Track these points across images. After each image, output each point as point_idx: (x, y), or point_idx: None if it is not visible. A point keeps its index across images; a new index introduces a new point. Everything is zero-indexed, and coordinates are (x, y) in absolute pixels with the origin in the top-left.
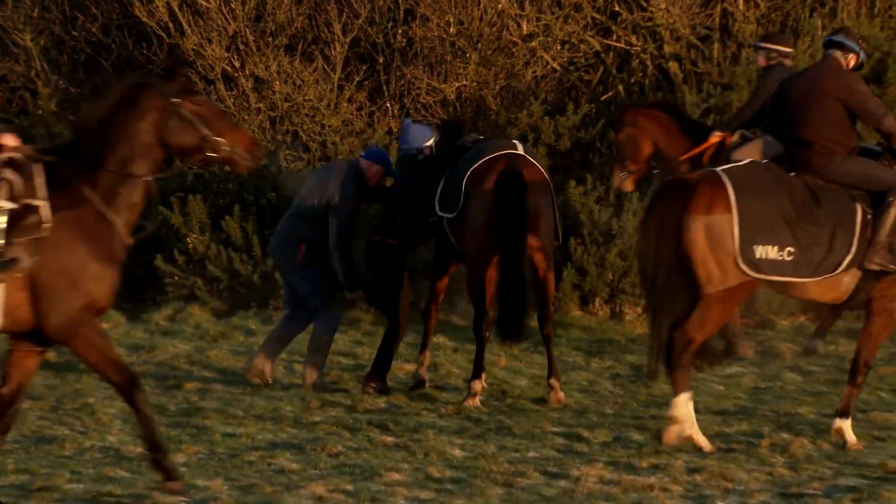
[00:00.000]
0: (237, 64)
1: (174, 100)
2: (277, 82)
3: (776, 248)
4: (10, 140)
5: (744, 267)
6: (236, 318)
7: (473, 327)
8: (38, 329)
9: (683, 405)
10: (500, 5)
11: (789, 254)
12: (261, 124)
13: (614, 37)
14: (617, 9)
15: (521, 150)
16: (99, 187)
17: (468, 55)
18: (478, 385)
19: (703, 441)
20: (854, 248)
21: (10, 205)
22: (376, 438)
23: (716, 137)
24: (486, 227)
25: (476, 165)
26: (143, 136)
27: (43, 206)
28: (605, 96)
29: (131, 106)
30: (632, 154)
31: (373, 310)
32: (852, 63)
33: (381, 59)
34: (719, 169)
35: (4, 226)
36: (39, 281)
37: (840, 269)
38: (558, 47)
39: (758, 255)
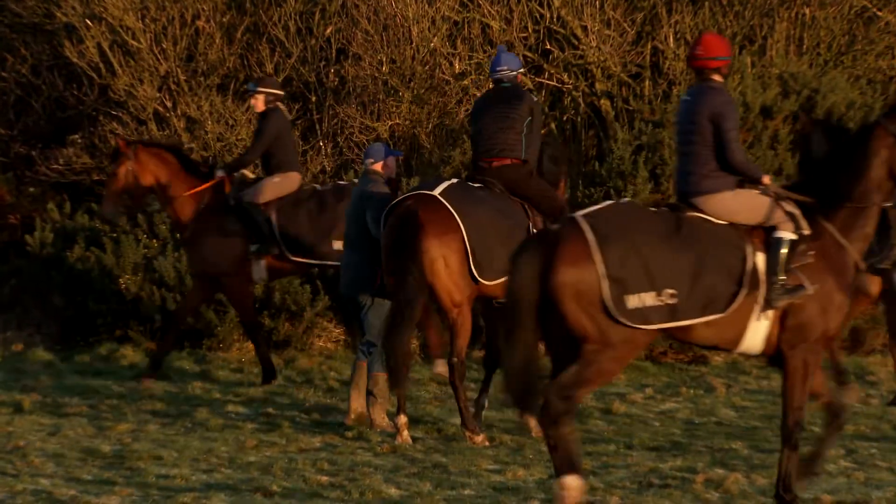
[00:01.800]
0: (169, 104)
1: None
2: (210, 122)
3: None
4: (766, 178)
5: None
6: (169, 358)
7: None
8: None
9: None
10: (432, 44)
11: None
12: None
13: (546, 75)
14: (548, 47)
15: (436, 192)
16: (836, 220)
17: (401, 94)
18: (402, 419)
19: None
20: None
21: (793, 235)
22: (311, 478)
23: (220, 177)
24: (385, 268)
25: (388, 207)
26: (876, 170)
27: (809, 235)
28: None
29: (863, 144)
30: (131, 188)
31: (310, 348)
32: None
33: (313, 98)
34: None
35: (786, 255)
36: (793, 308)
37: None
38: (490, 85)
39: None
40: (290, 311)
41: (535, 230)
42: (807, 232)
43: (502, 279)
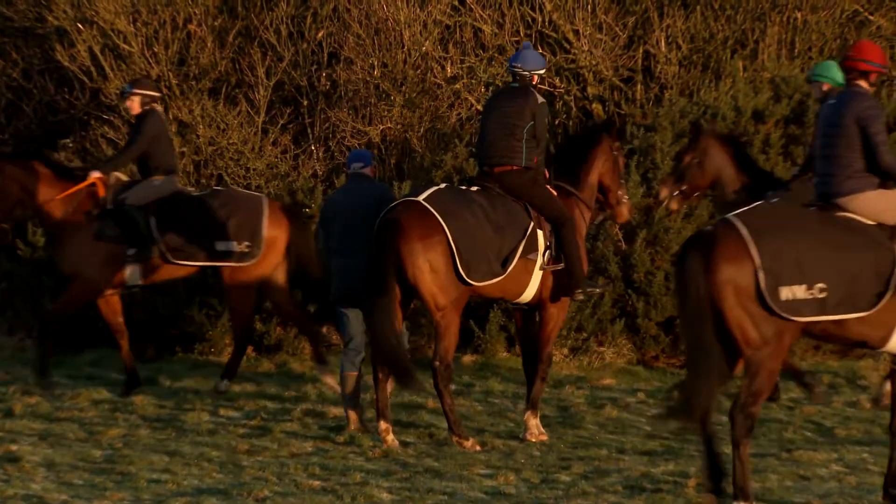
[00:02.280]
0: (160, 108)
1: None
2: (201, 126)
3: None
4: None
5: None
6: (161, 362)
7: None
8: None
9: None
10: (423, 48)
11: None
12: (185, 168)
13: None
14: (540, 51)
15: (420, 197)
16: None
17: (393, 98)
18: (381, 425)
19: None
20: None
21: None
22: (303, 482)
23: (93, 178)
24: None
25: (383, 212)
26: None
27: None
28: None
29: None
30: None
31: (302, 353)
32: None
33: (305, 102)
34: None
35: None
36: None
37: None
38: (482, 89)
39: None
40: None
41: (540, 231)
42: None
43: (493, 280)
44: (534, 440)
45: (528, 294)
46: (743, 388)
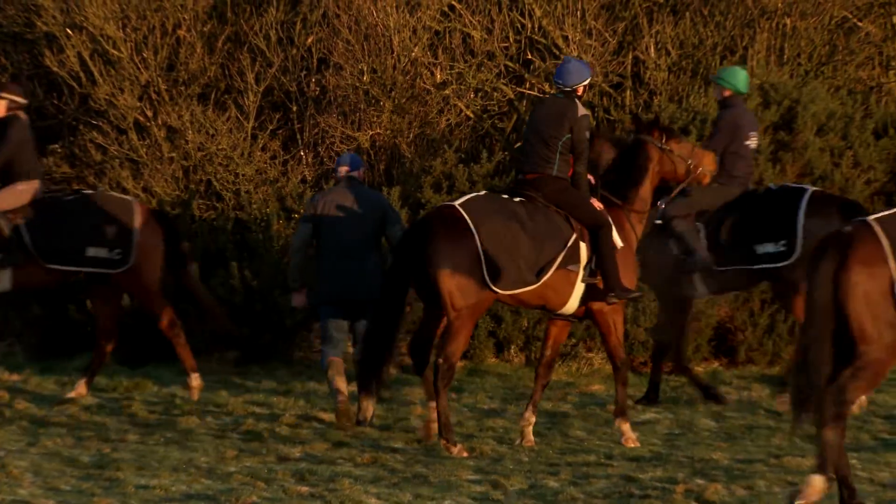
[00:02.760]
0: (150, 113)
1: None
2: (190, 131)
3: None
4: None
5: None
6: (150, 368)
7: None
8: None
9: None
10: (413, 53)
11: None
12: (174, 174)
13: (527, 84)
14: (529, 57)
15: (457, 202)
16: None
17: (382, 103)
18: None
19: None
20: None
21: None
22: (291, 488)
23: None
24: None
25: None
26: None
27: None
28: (518, 144)
29: None
30: None
31: (291, 358)
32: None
33: (294, 108)
34: None
35: None
36: None
37: None
38: (472, 95)
39: None
40: (270, 321)
41: (582, 244)
42: None
43: (523, 289)
44: (631, 445)
45: (571, 306)
46: (844, 376)
